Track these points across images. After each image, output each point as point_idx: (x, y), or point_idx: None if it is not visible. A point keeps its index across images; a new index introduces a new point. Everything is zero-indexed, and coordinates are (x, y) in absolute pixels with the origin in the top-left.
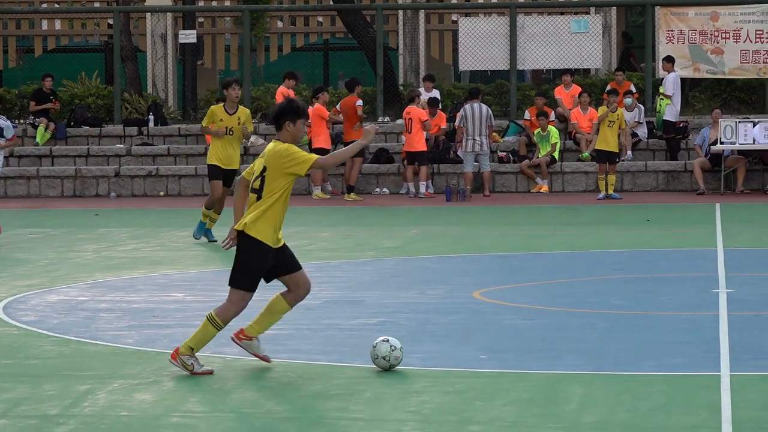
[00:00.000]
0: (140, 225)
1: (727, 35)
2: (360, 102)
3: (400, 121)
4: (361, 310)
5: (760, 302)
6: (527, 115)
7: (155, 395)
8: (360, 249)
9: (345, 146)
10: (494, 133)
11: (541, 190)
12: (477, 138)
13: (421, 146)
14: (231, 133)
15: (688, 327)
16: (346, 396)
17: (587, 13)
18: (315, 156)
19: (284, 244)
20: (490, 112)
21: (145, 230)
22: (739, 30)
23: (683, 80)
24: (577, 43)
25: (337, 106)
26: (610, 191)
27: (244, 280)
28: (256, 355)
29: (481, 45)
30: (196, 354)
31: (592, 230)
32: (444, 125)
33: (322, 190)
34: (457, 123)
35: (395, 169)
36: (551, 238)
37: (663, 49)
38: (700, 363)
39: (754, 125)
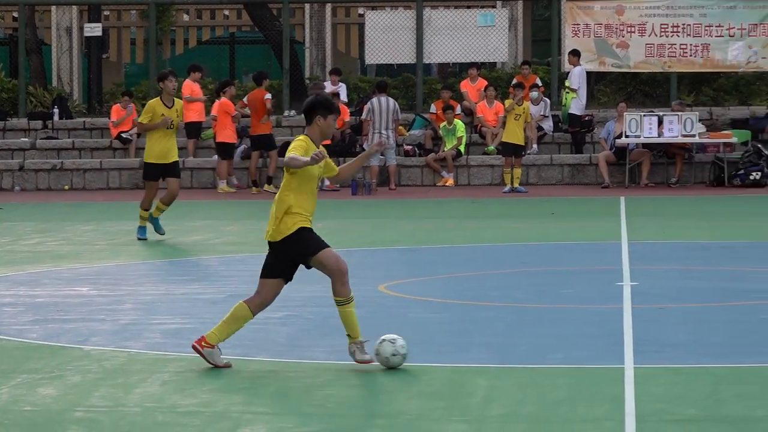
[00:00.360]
0: (44, 219)
1: (633, 29)
2: (269, 96)
3: None
4: None
5: (663, 295)
6: (433, 108)
7: (59, 390)
8: (265, 243)
9: (253, 140)
10: (400, 127)
11: (447, 184)
12: (383, 131)
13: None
14: (171, 126)
15: (592, 320)
16: (251, 390)
17: (494, 6)
18: (296, 151)
19: None
20: (397, 105)
21: (50, 224)
22: (644, 24)
23: (589, 74)
24: (483, 36)
25: (244, 100)
26: (516, 184)
27: (314, 244)
28: (215, 365)
29: (387, 38)
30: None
31: (498, 223)
32: (347, 119)
33: (227, 184)
34: (363, 116)
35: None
36: (457, 231)
37: (569, 43)
38: (604, 356)
39: (660, 119)
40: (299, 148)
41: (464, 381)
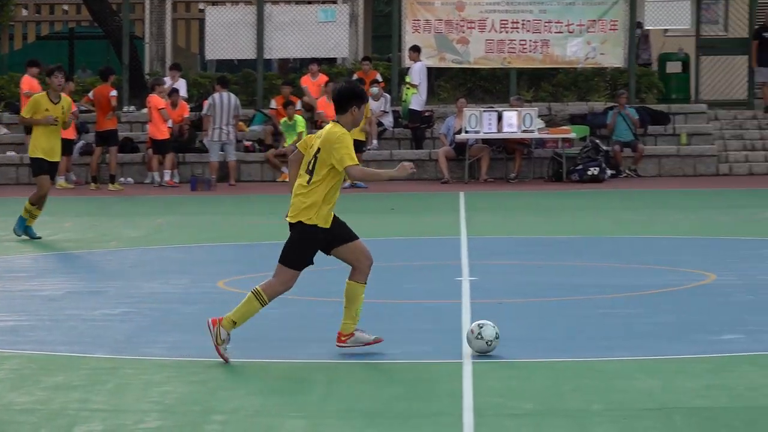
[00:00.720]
0: None
1: (473, 25)
2: (114, 92)
3: (145, 110)
4: (104, 300)
5: (502, 290)
6: (273, 104)
7: None
8: (103, 239)
9: (99, 136)
10: (240, 122)
11: (287, 180)
12: (224, 127)
13: (163, 135)
14: (56, 122)
15: (431, 315)
16: (88, 387)
17: (335, 2)
18: (356, 162)
19: (335, 216)
20: (237, 101)
21: None
22: (484, 20)
23: (429, 69)
24: (324, 32)
25: (90, 95)
26: None
27: (294, 258)
28: (368, 343)
29: (228, 34)
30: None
31: None
32: (186, 114)
33: (65, 180)
34: (204, 112)
35: (140, 158)
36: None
37: (409, 39)
38: (442, 351)
39: (499, 115)
40: (351, 147)
41: (302, 377)
